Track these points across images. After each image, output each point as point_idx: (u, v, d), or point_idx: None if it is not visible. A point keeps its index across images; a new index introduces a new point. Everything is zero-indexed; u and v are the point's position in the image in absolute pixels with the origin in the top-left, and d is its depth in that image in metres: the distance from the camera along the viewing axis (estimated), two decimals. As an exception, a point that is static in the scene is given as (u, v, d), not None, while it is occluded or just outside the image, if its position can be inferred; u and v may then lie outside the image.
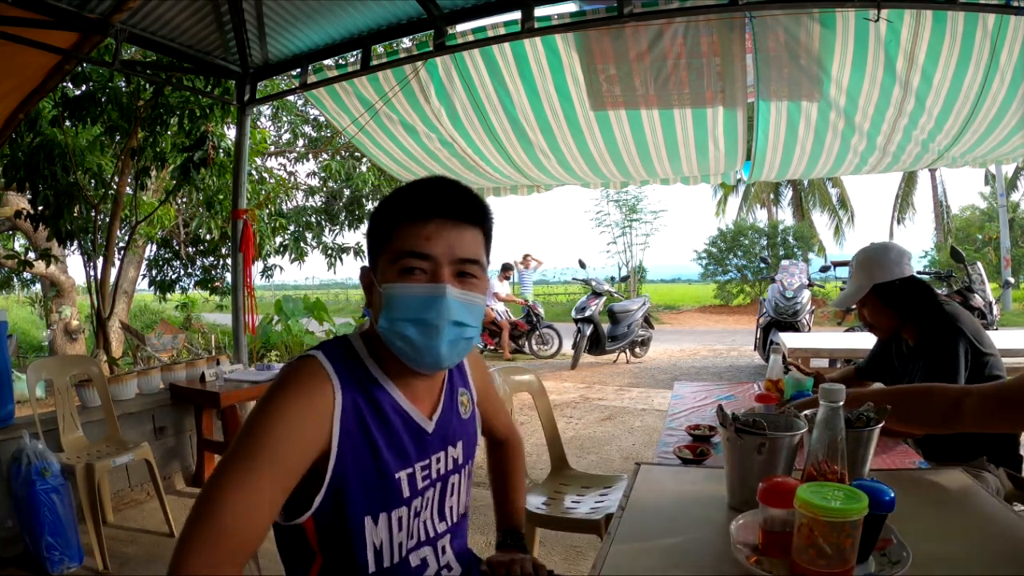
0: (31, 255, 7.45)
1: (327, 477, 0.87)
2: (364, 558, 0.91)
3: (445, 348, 0.91)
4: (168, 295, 8.18)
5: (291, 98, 9.25)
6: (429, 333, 0.90)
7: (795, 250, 16.99)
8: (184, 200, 7.68)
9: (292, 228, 9.72)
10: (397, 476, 0.93)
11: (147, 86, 4.70)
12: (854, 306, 1.95)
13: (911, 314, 1.84)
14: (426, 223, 0.90)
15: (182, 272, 8.22)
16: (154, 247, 8.00)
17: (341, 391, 0.88)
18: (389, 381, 0.95)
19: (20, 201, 6.37)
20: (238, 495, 0.78)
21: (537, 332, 8.98)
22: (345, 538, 0.90)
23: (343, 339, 0.97)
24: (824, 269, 7.62)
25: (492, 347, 9.22)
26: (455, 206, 0.92)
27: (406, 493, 0.94)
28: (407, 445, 0.94)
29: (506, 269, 9.96)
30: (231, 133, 5.95)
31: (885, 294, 1.84)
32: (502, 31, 3.25)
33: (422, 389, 0.99)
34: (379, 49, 3.69)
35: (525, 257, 10.90)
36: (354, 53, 3.81)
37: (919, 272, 1.94)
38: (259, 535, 0.80)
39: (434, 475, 1.00)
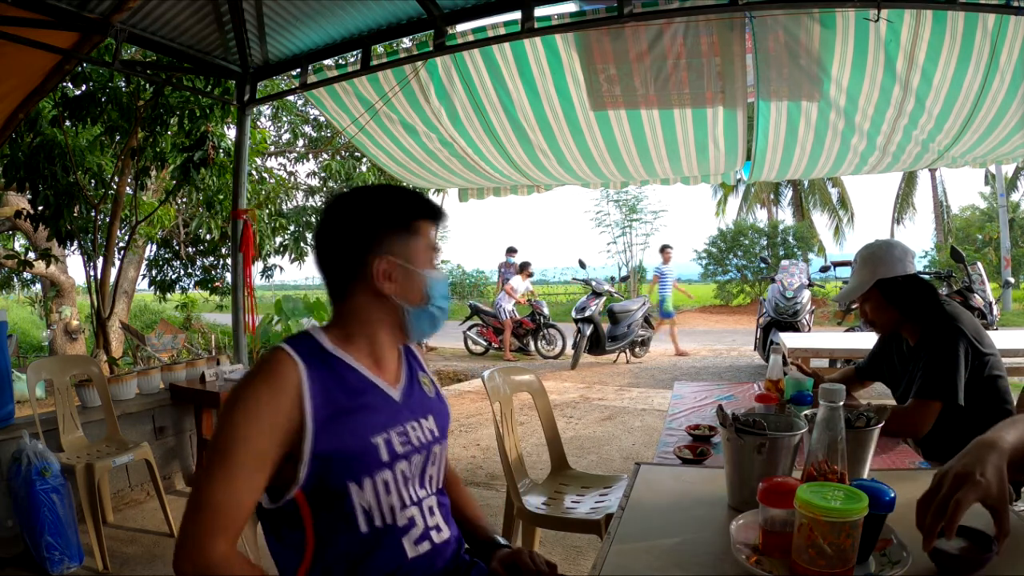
0: (31, 255, 7.45)
1: (306, 450, 0.95)
2: (355, 521, 0.99)
3: None
4: (168, 295, 8.18)
5: (291, 98, 9.25)
6: (448, 306, 1.14)
7: (795, 250, 16.98)
8: (184, 200, 7.67)
9: (292, 228, 9.71)
10: (374, 441, 1.01)
11: (147, 86, 4.70)
12: (855, 305, 1.95)
13: (913, 311, 1.84)
14: (434, 223, 1.12)
15: (182, 272, 8.21)
16: (154, 247, 7.99)
17: (307, 371, 0.98)
18: (352, 359, 1.06)
19: (20, 201, 6.37)
20: (222, 485, 0.89)
21: (542, 332, 8.95)
22: (335, 504, 0.98)
23: (305, 332, 1.08)
24: (824, 269, 7.62)
25: (496, 345, 9.19)
26: (442, 214, 1.13)
27: (385, 457, 1.01)
28: (378, 412, 1.04)
29: (524, 268, 9.42)
30: (231, 133, 5.95)
31: (888, 290, 1.84)
32: (502, 31, 3.25)
33: (386, 363, 1.11)
34: (379, 49, 3.69)
35: (664, 249, 9.24)
36: (354, 53, 3.81)
37: (919, 272, 1.93)
38: (247, 513, 0.92)
39: (415, 442, 1.07)
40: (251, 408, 0.92)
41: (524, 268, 9.48)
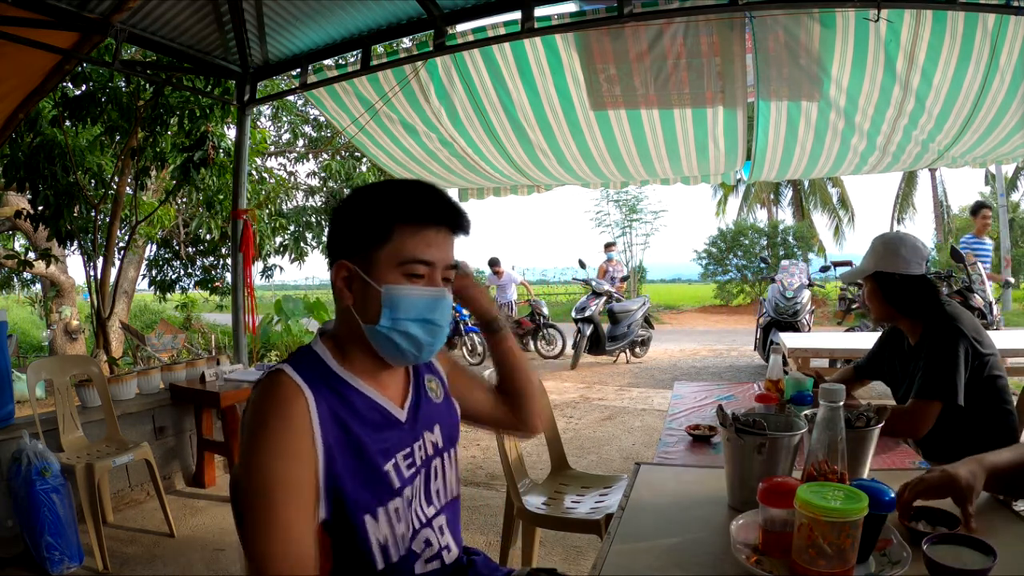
0: (31, 255, 7.45)
1: (321, 484, 0.90)
2: (372, 556, 0.95)
3: (438, 344, 1.01)
4: (168, 295, 8.18)
5: (291, 98, 9.26)
6: (433, 332, 0.98)
7: (795, 250, 16.97)
8: (184, 200, 7.68)
9: (292, 228, 9.71)
10: (385, 469, 0.96)
11: (147, 86, 4.70)
12: (856, 305, 1.96)
13: (908, 310, 1.84)
14: (428, 229, 0.96)
15: (182, 272, 8.22)
16: (154, 247, 8.00)
17: (314, 400, 0.91)
18: (357, 379, 0.99)
19: (20, 201, 6.37)
20: (277, 539, 0.83)
21: (542, 332, 8.94)
22: (351, 540, 0.94)
23: (307, 348, 1.01)
24: (824, 269, 7.61)
25: None
26: (453, 217, 0.99)
27: (396, 484, 0.97)
28: (386, 438, 0.98)
29: (597, 258, 9.95)
30: (231, 133, 5.96)
31: (883, 284, 1.85)
32: (502, 31, 3.25)
33: (389, 379, 1.04)
34: (379, 49, 3.69)
35: (980, 209, 6.21)
36: (354, 53, 3.81)
37: (924, 274, 1.90)
38: (311, 547, 0.86)
39: (418, 462, 1.03)
40: (271, 444, 0.86)
41: (594, 260, 10.24)
